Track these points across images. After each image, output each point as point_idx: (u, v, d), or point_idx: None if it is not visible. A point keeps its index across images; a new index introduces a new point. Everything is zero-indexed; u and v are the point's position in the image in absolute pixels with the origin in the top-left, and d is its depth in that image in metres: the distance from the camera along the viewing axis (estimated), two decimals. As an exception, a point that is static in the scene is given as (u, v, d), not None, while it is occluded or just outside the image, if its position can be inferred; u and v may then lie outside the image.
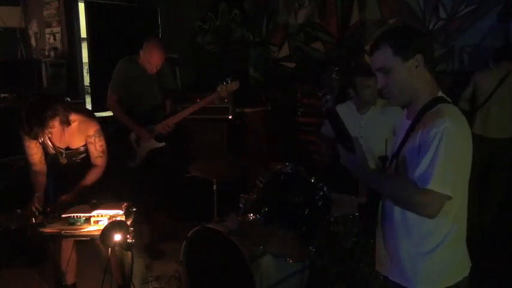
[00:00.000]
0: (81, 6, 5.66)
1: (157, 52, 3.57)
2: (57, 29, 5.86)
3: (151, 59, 3.56)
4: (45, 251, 3.22)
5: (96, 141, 2.80)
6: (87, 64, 5.84)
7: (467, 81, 3.86)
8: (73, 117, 2.68)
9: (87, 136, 2.79)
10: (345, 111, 3.07)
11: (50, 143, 2.75)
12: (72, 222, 2.44)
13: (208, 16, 6.04)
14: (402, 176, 1.54)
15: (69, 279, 2.86)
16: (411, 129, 1.53)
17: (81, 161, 2.87)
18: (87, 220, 2.45)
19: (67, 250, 2.77)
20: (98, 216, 2.47)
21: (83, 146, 2.83)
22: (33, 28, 6.21)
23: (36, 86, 5.29)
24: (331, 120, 1.74)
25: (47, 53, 5.93)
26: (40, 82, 5.33)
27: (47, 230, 2.41)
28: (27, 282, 3.06)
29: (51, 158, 2.85)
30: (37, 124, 2.49)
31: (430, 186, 1.41)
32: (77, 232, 2.41)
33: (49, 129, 2.53)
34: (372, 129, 2.92)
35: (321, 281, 2.72)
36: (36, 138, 2.58)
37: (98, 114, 3.97)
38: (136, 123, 3.59)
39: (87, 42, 5.55)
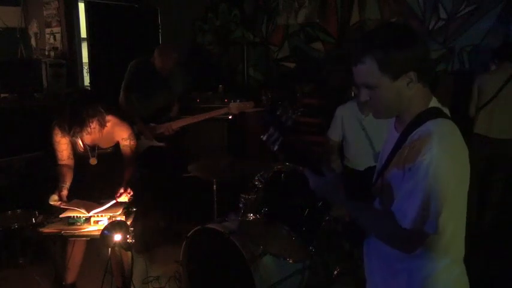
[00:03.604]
0: (81, 6, 5.66)
1: (169, 57, 3.75)
2: (57, 29, 5.86)
3: (163, 63, 3.74)
4: (45, 251, 3.23)
5: (131, 143, 2.86)
6: (87, 64, 5.84)
7: (468, 81, 3.86)
8: (108, 118, 2.71)
9: (122, 139, 2.83)
10: (347, 111, 3.07)
11: (80, 141, 2.75)
12: (72, 222, 2.44)
13: (208, 16, 6.04)
14: (386, 199, 1.37)
15: (70, 278, 2.86)
16: (398, 147, 1.34)
17: (105, 161, 2.86)
18: (87, 220, 2.46)
19: (79, 251, 2.78)
20: (97, 216, 2.47)
21: (111, 147, 2.84)
22: (33, 28, 6.21)
23: (36, 86, 5.29)
24: (287, 153, 1.47)
25: (47, 53, 5.92)
26: (40, 82, 5.33)
27: (47, 230, 2.41)
28: (27, 282, 3.06)
29: (78, 158, 2.83)
30: (78, 124, 2.48)
31: (410, 225, 1.23)
32: (77, 232, 2.41)
33: (88, 129, 2.52)
34: (374, 130, 2.92)
35: (321, 281, 2.72)
36: (73, 136, 2.56)
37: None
38: (142, 121, 3.71)
39: (87, 42, 5.54)
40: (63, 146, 2.76)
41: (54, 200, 2.57)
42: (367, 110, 2.87)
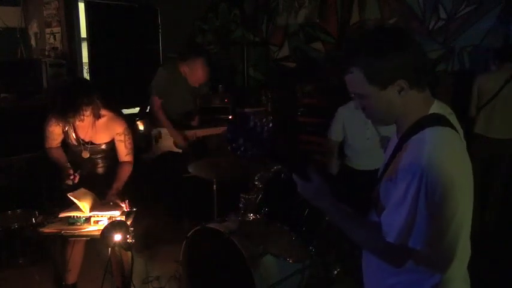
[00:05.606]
0: (81, 6, 5.66)
1: (203, 71, 3.73)
2: (57, 29, 5.85)
3: (196, 77, 3.73)
4: (45, 251, 3.23)
5: (126, 139, 2.82)
6: (87, 64, 5.84)
7: (468, 81, 3.86)
8: (103, 112, 2.69)
9: (116, 134, 2.79)
10: (349, 111, 3.06)
11: (73, 134, 2.74)
12: (72, 222, 2.44)
13: (208, 16, 6.04)
14: (380, 210, 1.30)
15: (71, 278, 2.86)
16: (394, 155, 1.29)
17: (100, 159, 2.86)
18: (87, 220, 2.45)
19: (78, 251, 2.78)
20: (97, 216, 2.47)
21: (105, 143, 2.82)
22: (33, 28, 6.20)
23: (36, 86, 5.29)
24: (277, 160, 1.44)
25: (47, 53, 5.92)
26: (40, 82, 5.33)
27: (47, 230, 2.41)
28: (27, 282, 3.06)
29: (72, 151, 2.83)
30: (72, 109, 2.46)
31: (394, 240, 1.19)
32: (77, 232, 2.41)
33: (81, 117, 2.50)
34: (378, 128, 2.91)
35: (321, 281, 2.72)
36: (66, 122, 2.56)
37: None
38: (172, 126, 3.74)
39: (87, 42, 5.55)
40: (55, 135, 2.76)
41: (68, 181, 2.63)
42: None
